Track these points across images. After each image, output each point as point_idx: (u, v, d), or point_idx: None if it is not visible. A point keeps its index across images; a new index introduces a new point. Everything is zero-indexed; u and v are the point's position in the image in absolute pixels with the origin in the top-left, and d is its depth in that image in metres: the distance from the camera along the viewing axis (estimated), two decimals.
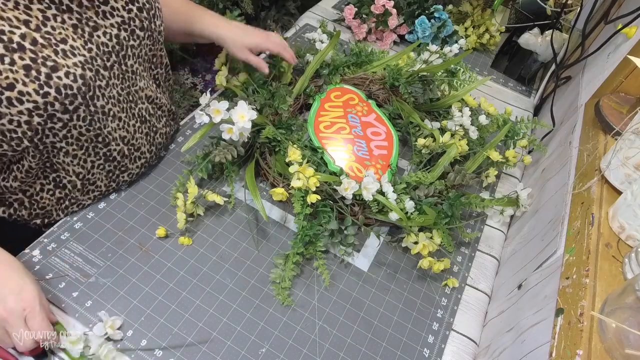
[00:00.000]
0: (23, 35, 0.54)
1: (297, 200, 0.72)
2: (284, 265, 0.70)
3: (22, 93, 0.54)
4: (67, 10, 0.59)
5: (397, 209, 0.73)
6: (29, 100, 0.55)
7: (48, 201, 0.70)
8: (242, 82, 0.91)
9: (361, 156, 0.85)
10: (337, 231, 0.73)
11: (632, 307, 0.44)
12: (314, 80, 0.97)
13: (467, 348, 0.70)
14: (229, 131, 0.73)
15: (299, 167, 0.72)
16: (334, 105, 0.92)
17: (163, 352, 0.61)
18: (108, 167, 0.72)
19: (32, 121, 0.56)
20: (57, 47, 0.57)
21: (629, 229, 0.55)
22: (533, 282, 0.64)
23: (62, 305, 0.63)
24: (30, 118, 0.56)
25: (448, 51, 0.95)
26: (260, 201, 0.72)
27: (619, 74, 0.77)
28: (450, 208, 0.76)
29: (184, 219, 0.71)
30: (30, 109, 0.55)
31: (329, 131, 0.87)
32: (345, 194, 0.73)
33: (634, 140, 0.60)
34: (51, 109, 0.57)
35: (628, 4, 0.86)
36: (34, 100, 0.55)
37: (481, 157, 0.87)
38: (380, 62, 1.02)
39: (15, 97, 0.54)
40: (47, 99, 0.56)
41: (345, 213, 0.75)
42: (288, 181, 0.75)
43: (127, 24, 0.66)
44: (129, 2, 0.66)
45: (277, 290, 0.68)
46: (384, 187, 0.76)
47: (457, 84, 0.97)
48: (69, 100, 0.58)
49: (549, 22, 1.19)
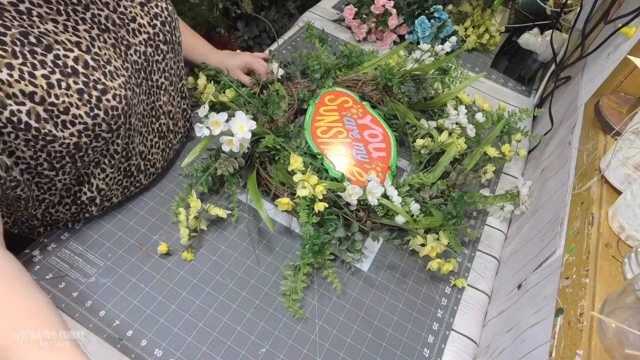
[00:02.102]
0: (76, 58, 0.55)
1: (302, 209, 0.71)
2: (293, 276, 0.69)
3: (75, 116, 0.55)
4: (106, 29, 0.60)
5: (403, 212, 0.73)
6: (80, 122, 0.56)
7: (62, 215, 0.69)
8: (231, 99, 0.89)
9: (361, 160, 0.84)
10: (344, 238, 0.73)
11: (632, 307, 0.44)
12: (307, 85, 0.96)
13: (467, 348, 0.70)
14: (228, 143, 0.71)
15: (303, 176, 0.71)
16: (328, 109, 0.92)
17: (163, 352, 0.61)
18: (125, 183, 0.72)
19: (80, 142, 0.58)
20: (105, 68, 0.58)
21: (628, 229, 0.55)
22: (533, 282, 0.64)
23: (62, 305, 0.63)
24: (79, 139, 0.57)
25: (440, 49, 0.94)
26: (265, 212, 0.71)
27: (618, 74, 0.77)
28: (455, 208, 0.76)
29: (187, 235, 0.70)
30: (80, 131, 0.57)
31: (327, 136, 0.86)
32: (350, 200, 0.72)
33: (634, 140, 0.60)
34: (98, 129, 0.58)
35: (628, 4, 0.86)
36: (84, 122, 0.56)
37: (478, 154, 0.87)
38: (371, 63, 1.00)
39: (69, 120, 0.55)
40: (96, 120, 0.57)
41: (351, 219, 0.74)
42: (292, 190, 0.75)
43: (152, 39, 0.67)
44: (153, 17, 0.67)
45: (288, 302, 0.67)
46: (388, 190, 0.76)
47: (450, 81, 0.97)
48: (114, 121, 0.60)
49: (549, 22, 1.19)
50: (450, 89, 0.98)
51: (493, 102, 1.12)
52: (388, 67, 0.96)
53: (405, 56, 1.02)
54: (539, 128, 1.08)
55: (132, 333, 0.62)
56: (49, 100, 0.53)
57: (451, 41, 0.94)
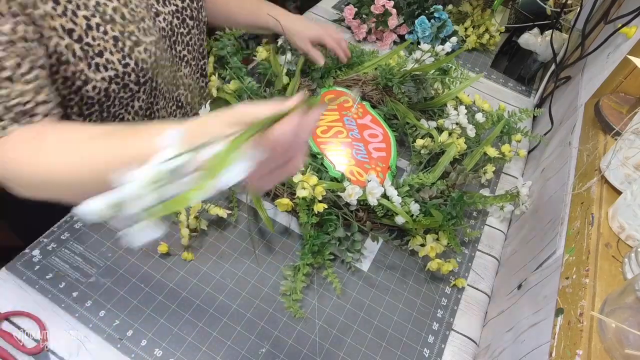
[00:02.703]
0: (115, 8, 0.59)
1: (302, 210, 0.71)
2: (293, 276, 0.69)
3: (108, 61, 0.60)
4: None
5: (403, 213, 0.72)
6: (112, 68, 0.60)
7: None
8: (234, 90, 0.89)
9: (361, 160, 0.84)
10: (344, 238, 0.73)
11: (632, 307, 0.44)
12: (307, 85, 0.96)
13: (467, 348, 0.70)
14: None
15: (302, 176, 0.71)
16: (329, 108, 0.92)
17: (163, 352, 0.61)
18: None
19: (109, 88, 0.62)
20: (139, 24, 0.63)
21: (628, 229, 0.55)
22: (533, 282, 0.64)
23: (62, 305, 0.63)
24: (109, 85, 0.61)
25: (440, 49, 0.94)
26: (265, 212, 0.71)
27: (618, 74, 0.77)
28: (455, 208, 0.76)
29: (187, 235, 0.70)
30: (111, 77, 0.61)
31: (327, 136, 0.86)
32: (349, 200, 0.72)
33: (634, 140, 0.60)
34: (127, 78, 0.63)
35: (628, 4, 0.86)
36: (115, 69, 0.61)
37: (478, 154, 0.87)
38: (371, 63, 1.00)
39: (102, 64, 0.59)
40: (126, 69, 0.62)
41: (351, 219, 0.74)
42: (292, 190, 0.75)
43: (179, 12, 0.72)
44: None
45: (288, 302, 0.67)
46: (387, 190, 0.75)
47: (450, 81, 0.97)
48: (142, 74, 0.64)
49: (549, 22, 1.19)
50: (451, 89, 0.98)
51: (493, 102, 1.12)
52: (388, 67, 0.96)
53: (405, 56, 1.02)
54: (539, 128, 1.08)
55: (132, 333, 0.62)
56: (85, 39, 0.57)
57: (451, 41, 0.94)
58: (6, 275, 0.64)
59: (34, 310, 0.61)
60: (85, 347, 0.60)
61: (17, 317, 0.61)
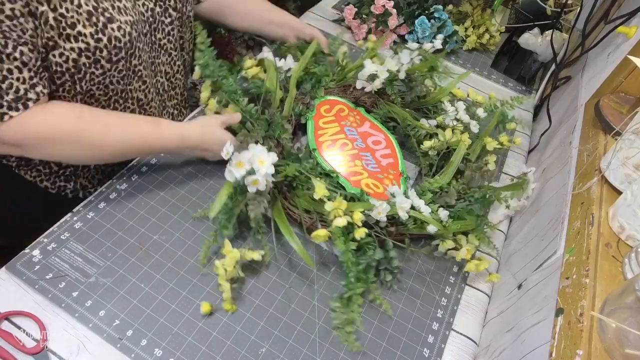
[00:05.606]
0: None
1: (338, 238, 0.67)
2: (344, 308, 0.66)
3: (80, 33, 0.62)
4: None
5: (434, 222, 0.71)
6: (83, 40, 0.63)
7: None
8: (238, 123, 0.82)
9: (372, 170, 0.83)
10: (382, 258, 0.71)
11: (632, 307, 0.44)
12: (301, 98, 0.91)
13: (467, 348, 0.70)
14: (254, 183, 0.65)
15: (333, 204, 0.67)
16: (327, 120, 0.89)
17: (163, 352, 0.61)
18: None
19: (79, 60, 0.64)
20: (114, 3, 0.66)
21: (629, 229, 0.55)
22: (533, 282, 0.64)
23: (62, 305, 0.63)
24: (78, 57, 0.64)
25: (430, 47, 0.94)
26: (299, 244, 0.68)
27: (619, 74, 0.77)
28: (481, 208, 0.76)
29: (229, 289, 0.64)
30: (81, 49, 0.63)
31: (334, 151, 0.84)
32: (379, 218, 0.70)
33: (634, 140, 0.60)
34: (99, 54, 0.65)
35: (628, 3, 0.86)
36: (86, 42, 0.63)
37: (479, 147, 0.87)
38: (355, 65, 0.97)
39: (73, 35, 0.62)
40: (98, 44, 0.64)
41: (385, 237, 0.72)
42: (321, 217, 0.72)
43: (162, 1, 0.76)
44: None
45: (344, 336, 0.65)
46: (414, 201, 0.73)
47: (437, 77, 0.97)
48: (115, 52, 0.66)
49: (549, 22, 1.19)
50: (440, 85, 0.98)
51: None
52: None
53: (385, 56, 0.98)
54: (540, 128, 1.08)
55: (132, 333, 0.62)
56: (59, 10, 0.60)
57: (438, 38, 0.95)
58: (6, 275, 0.64)
59: (34, 310, 0.61)
60: (85, 347, 0.60)
61: (17, 317, 0.61)
